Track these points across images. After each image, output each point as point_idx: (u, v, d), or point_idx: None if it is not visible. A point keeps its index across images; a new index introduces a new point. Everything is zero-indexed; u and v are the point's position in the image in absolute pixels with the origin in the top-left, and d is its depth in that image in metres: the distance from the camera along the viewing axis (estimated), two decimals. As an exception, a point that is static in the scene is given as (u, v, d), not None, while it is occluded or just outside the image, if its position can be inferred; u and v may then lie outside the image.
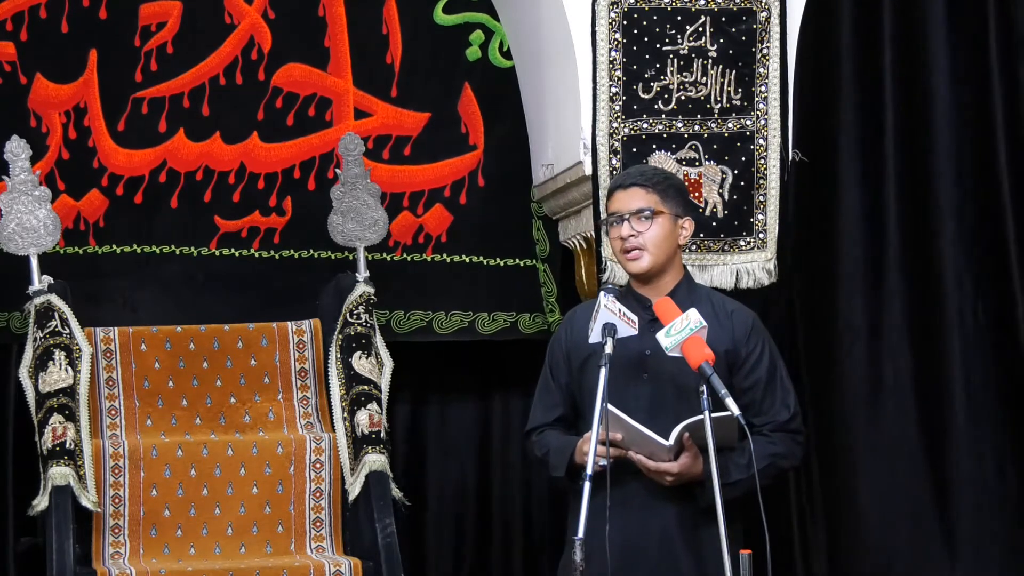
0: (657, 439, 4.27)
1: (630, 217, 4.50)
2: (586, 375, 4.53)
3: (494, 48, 6.33)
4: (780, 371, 4.57)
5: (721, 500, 4.04)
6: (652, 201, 4.51)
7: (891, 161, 5.99)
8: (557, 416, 4.63)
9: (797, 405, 4.57)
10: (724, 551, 4.02)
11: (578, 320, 4.63)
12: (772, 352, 4.58)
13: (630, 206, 4.51)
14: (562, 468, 4.49)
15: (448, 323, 6.27)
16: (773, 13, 5.60)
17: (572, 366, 4.60)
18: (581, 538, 4.03)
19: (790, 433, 4.54)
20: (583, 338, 4.47)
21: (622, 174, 4.73)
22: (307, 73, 6.24)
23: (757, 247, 5.65)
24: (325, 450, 5.66)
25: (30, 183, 5.73)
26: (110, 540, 5.50)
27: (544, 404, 4.67)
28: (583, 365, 4.55)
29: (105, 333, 5.84)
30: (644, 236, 4.49)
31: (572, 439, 4.51)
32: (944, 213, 5.98)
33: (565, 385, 4.63)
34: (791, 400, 4.55)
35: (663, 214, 4.51)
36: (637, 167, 4.86)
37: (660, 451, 4.30)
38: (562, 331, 4.70)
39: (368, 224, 6.00)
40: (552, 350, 4.70)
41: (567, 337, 4.64)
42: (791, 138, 5.66)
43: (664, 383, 4.46)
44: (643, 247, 4.50)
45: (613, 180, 4.73)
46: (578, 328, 4.57)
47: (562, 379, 4.63)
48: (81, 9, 6.08)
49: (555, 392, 4.65)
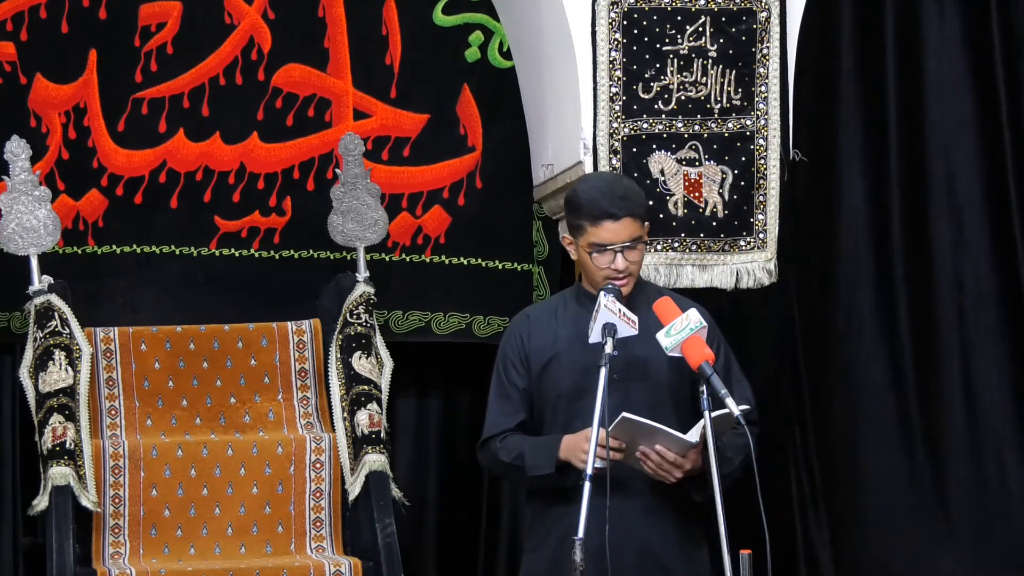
0: (683, 437, 4.25)
1: (623, 250, 4.41)
2: (547, 380, 4.47)
3: (494, 49, 6.33)
4: (734, 366, 4.55)
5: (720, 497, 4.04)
6: (640, 228, 4.42)
7: (891, 161, 5.99)
8: (519, 421, 4.52)
9: (753, 397, 4.54)
10: (724, 551, 4.02)
11: (535, 323, 4.55)
12: (726, 348, 4.55)
13: (622, 237, 4.39)
14: (550, 465, 4.40)
15: (446, 324, 6.27)
16: (773, 13, 5.61)
17: (532, 371, 4.52)
18: (581, 538, 4.02)
19: (751, 425, 4.53)
20: (545, 341, 4.45)
21: (601, 197, 4.41)
22: (307, 74, 6.24)
23: (757, 247, 5.65)
24: (325, 450, 5.66)
25: (30, 183, 5.73)
26: (110, 540, 5.50)
27: (502, 410, 4.54)
28: (544, 370, 4.48)
29: (105, 333, 5.84)
30: (634, 265, 4.44)
31: (548, 437, 4.44)
32: (945, 213, 5.99)
33: (523, 390, 4.52)
34: (748, 393, 4.52)
35: (645, 237, 4.47)
36: (609, 187, 4.50)
37: (681, 449, 4.29)
38: (517, 335, 4.56)
39: (368, 224, 6.00)
40: (505, 354, 4.57)
41: (525, 341, 4.53)
42: (791, 138, 5.66)
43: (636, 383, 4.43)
44: (632, 274, 4.45)
45: (589, 203, 4.39)
46: (537, 331, 4.51)
47: (520, 383, 4.52)
48: (81, 9, 6.08)
49: (513, 397, 4.53)
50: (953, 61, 6.00)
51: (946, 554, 5.93)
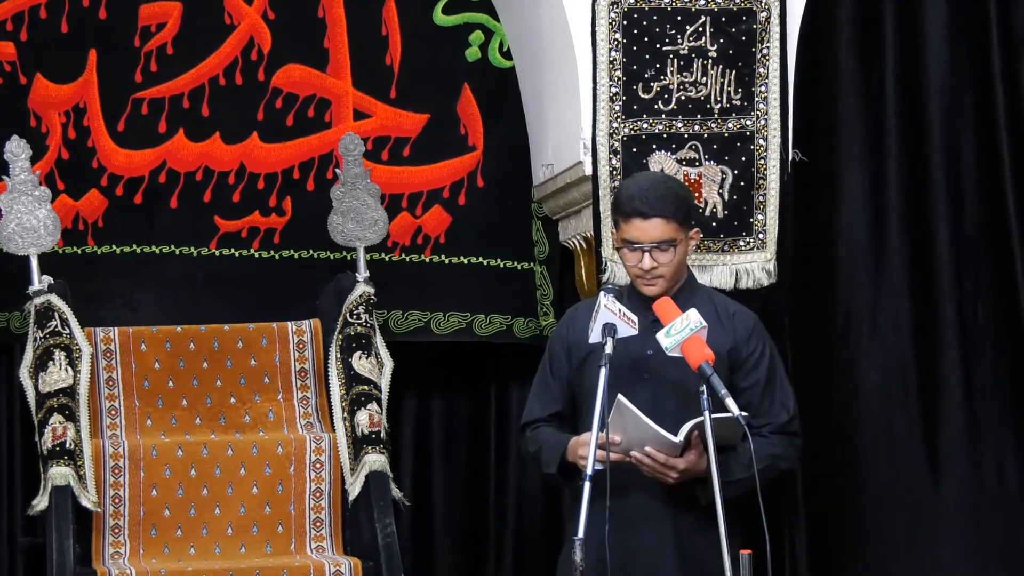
0: (667, 436, 4.26)
1: (651, 250, 4.45)
2: (585, 373, 4.53)
3: (494, 49, 6.33)
4: (780, 373, 4.58)
5: (721, 499, 4.04)
6: (672, 231, 4.45)
7: (891, 161, 5.99)
8: (553, 412, 4.63)
9: (796, 408, 4.57)
10: (724, 551, 4.02)
11: (580, 317, 4.62)
12: (772, 354, 4.58)
13: (651, 236, 4.44)
14: (554, 464, 4.48)
15: (446, 324, 6.27)
16: (773, 13, 5.61)
17: (572, 363, 4.59)
18: (581, 538, 4.02)
19: (788, 435, 4.54)
20: (584, 336, 4.47)
21: (637, 195, 4.47)
22: (307, 74, 6.24)
23: (757, 247, 5.65)
24: (325, 450, 5.66)
25: (30, 183, 5.73)
26: (110, 540, 5.50)
27: (541, 400, 4.66)
28: (583, 363, 4.55)
29: (105, 333, 5.84)
30: (663, 267, 4.47)
31: (566, 437, 4.51)
32: (945, 213, 5.98)
33: (565, 381, 4.62)
34: (790, 402, 4.55)
35: (682, 240, 4.49)
36: (649, 186, 4.53)
37: (667, 448, 4.30)
38: (563, 327, 4.69)
39: (368, 224, 6.01)
40: (552, 345, 4.69)
41: (568, 333, 4.63)
42: (791, 138, 5.66)
43: (665, 385, 4.45)
44: (662, 276, 4.49)
45: (626, 200, 4.47)
46: (580, 325, 4.56)
47: (562, 375, 4.62)
48: (81, 9, 6.08)
49: (553, 388, 4.64)
50: (953, 61, 5.99)
51: (946, 554, 5.92)
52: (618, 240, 4.55)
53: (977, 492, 5.94)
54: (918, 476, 5.96)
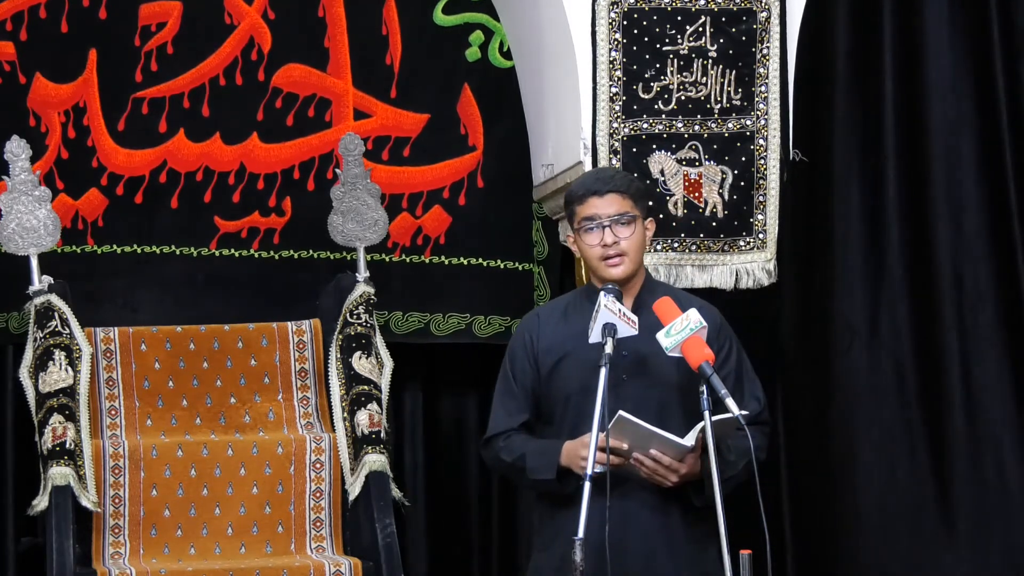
0: (679, 441, 4.24)
1: (611, 224, 4.43)
2: (555, 381, 4.47)
3: (494, 48, 6.33)
4: (746, 364, 4.55)
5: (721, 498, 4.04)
6: (629, 206, 4.44)
7: (891, 161, 5.99)
8: (522, 421, 4.51)
9: (764, 396, 4.55)
10: (724, 551, 4.01)
11: (544, 322, 4.55)
12: (738, 346, 4.55)
13: (608, 211, 4.43)
14: (551, 470, 4.40)
15: (445, 325, 6.27)
16: (773, 13, 5.61)
17: (540, 370, 4.51)
18: (581, 538, 4.02)
19: (761, 424, 4.51)
20: (555, 341, 4.45)
21: (589, 179, 4.52)
22: (307, 74, 6.24)
23: (757, 247, 5.66)
24: (325, 450, 5.66)
25: (30, 183, 5.73)
26: (110, 540, 5.50)
27: (507, 409, 4.54)
28: (552, 370, 4.48)
29: (105, 333, 5.84)
30: (625, 242, 4.45)
31: (551, 442, 4.43)
32: (944, 213, 5.98)
33: (530, 389, 4.52)
34: (760, 392, 4.53)
35: (639, 219, 4.47)
36: (599, 171, 4.77)
37: (676, 452, 4.28)
38: (526, 335, 4.56)
39: (368, 224, 6.01)
40: (514, 353, 4.57)
41: (534, 340, 4.53)
42: (791, 138, 5.66)
43: (644, 383, 4.43)
44: (625, 253, 4.44)
45: (579, 184, 4.52)
46: (546, 331, 4.51)
47: (526, 383, 4.52)
48: (81, 9, 6.08)
49: (519, 396, 4.52)
50: (953, 61, 5.99)
51: (946, 554, 5.92)
52: (576, 236, 4.49)
53: (978, 491, 5.94)
54: (918, 476, 5.96)
